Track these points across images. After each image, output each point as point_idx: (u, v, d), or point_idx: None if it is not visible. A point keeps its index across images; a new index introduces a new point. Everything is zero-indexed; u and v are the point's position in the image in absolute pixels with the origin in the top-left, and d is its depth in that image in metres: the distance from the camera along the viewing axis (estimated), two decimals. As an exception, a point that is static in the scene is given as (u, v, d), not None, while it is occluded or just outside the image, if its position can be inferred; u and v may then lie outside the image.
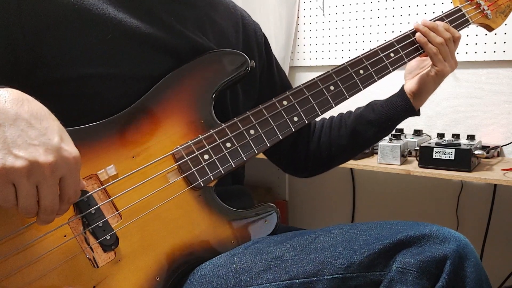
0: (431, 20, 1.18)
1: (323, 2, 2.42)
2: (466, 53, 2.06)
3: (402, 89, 1.20)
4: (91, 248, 0.82)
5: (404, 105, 1.18)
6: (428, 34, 1.14)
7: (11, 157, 0.66)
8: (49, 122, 0.71)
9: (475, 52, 2.04)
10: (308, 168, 1.30)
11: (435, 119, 2.17)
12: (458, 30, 1.20)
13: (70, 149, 0.72)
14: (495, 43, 1.99)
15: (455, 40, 1.16)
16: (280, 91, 1.04)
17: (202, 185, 0.91)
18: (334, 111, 1.13)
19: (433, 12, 2.12)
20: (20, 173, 0.66)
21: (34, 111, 0.71)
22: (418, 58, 1.20)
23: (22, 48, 0.85)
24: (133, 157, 0.88)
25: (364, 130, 1.20)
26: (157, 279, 0.86)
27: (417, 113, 1.21)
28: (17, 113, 0.69)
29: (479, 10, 1.23)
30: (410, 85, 1.19)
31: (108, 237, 0.83)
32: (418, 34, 1.16)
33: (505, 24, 1.31)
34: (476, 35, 2.02)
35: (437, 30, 1.14)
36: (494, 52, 2.00)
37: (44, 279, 0.78)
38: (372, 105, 1.20)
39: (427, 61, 1.18)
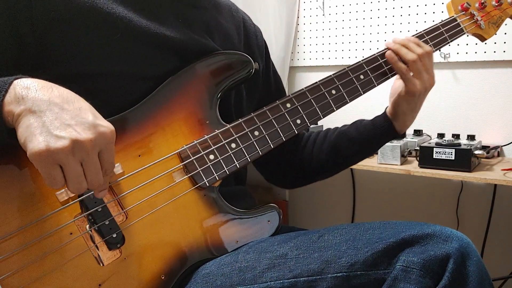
0: (428, 28, 1.19)
1: (323, 2, 2.42)
2: (466, 53, 2.07)
3: (385, 110, 1.18)
4: (96, 246, 0.83)
5: (386, 126, 1.16)
6: (399, 51, 1.10)
7: (53, 138, 0.68)
8: (80, 103, 0.74)
9: (475, 52, 2.05)
10: (288, 179, 1.30)
11: (435, 119, 2.18)
12: (453, 40, 1.21)
13: (105, 124, 0.74)
14: (495, 43, 2.00)
15: (428, 55, 1.11)
16: (275, 96, 1.04)
17: (207, 185, 0.92)
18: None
19: (433, 12, 2.12)
20: (65, 152, 0.68)
21: (64, 95, 0.74)
22: (401, 80, 1.14)
23: (30, 43, 0.86)
24: (139, 156, 0.89)
25: (345, 147, 1.19)
26: (162, 277, 0.87)
27: (401, 136, 1.18)
28: (49, 99, 0.72)
29: (473, 21, 1.25)
30: (389, 107, 1.17)
31: (114, 235, 0.83)
32: (388, 53, 1.12)
33: (505, 24, 1.33)
34: (476, 35, 2.03)
35: (409, 47, 1.10)
36: (494, 52, 2.01)
37: (49, 277, 0.78)
38: (357, 124, 1.20)
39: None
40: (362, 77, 1.11)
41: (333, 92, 1.07)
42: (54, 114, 0.70)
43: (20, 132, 0.70)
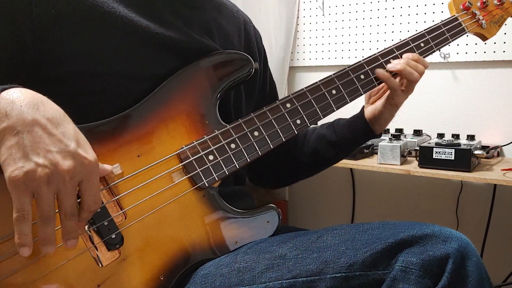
0: (429, 28, 1.19)
1: (323, 2, 2.42)
2: (466, 53, 2.06)
3: (362, 111, 1.19)
4: (95, 246, 0.83)
5: (364, 128, 1.17)
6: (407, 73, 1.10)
7: (32, 164, 0.67)
8: (64, 126, 0.72)
9: (475, 52, 2.05)
10: (270, 179, 1.31)
11: (435, 119, 2.18)
12: (454, 39, 1.21)
13: (87, 154, 0.72)
14: (495, 43, 1.99)
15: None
16: (268, 101, 1.04)
17: (207, 185, 0.92)
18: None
19: (433, 12, 2.12)
20: (40, 180, 0.67)
21: (49, 115, 0.71)
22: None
23: (30, 42, 0.85)
24: (139, 156, 0.89)
25: (324, 150, 1.21)
26: (161, 278, 0.86)
27: (378, 135, 1.19)
28: (34, 119, 0.70)
29: (475, 20, 1.25)
30: (367, 112, 1.17)
31: (113, 236, 0.83)
32: (379, 70, 1.10)
33: (505, 24, 1.32)
34: (476, 35, 2.02)
35: (410, 65, 1.10)
36: (494, 52, 2.01)
37: (48, 277, 0.78)
38: (335, 126, 1.21)
39: (385, 86, 1.16)
40: (362, 77, 1.10)
41: (334, 92, 1.07)
42: (36, 137, 0.69)
43: (1, 152, 0.68)
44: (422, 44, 1.16)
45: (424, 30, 1.18)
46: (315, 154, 1.22)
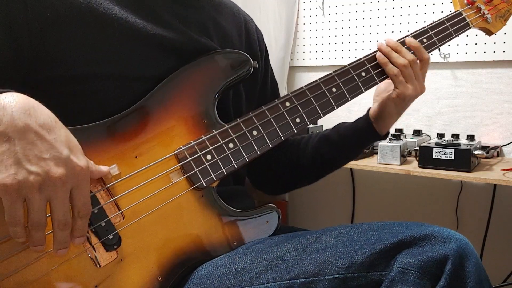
0: (433, 23, 1.18)
1: (323, 2, 2.42)
2: (466, 53, 2.06)
3: (367, 112, 1.18)
4: (93, 247, 0.82)
5: (366, 128, 1.15)
6: (390, 55, 1.09)
7: (23, 172, 0.67)
8: (56, 133, 0.72)
9: (475, 52, 2.05)
10: (273, 183, 1.29)
11: (435, 119, 2.18)
12: (459, 34, 1.19)
13: (79, 161, 0.72)
14: (495, 43, 1.99)
15: (423, 63, 1.12)
16: (270, 101, 1.03)
17: (205, 185, 0.92)
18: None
19: (433, 12, 2.12)
20: (32, 187, 0.67)
21: (41, 121, 0.71)
22: (387, 81, 1.14)
23: (26, 45, 0.85)
24: (136, 157, 0.88)
25: (327, 151, 1.19)
26: (159, 278, 0.86)
27: (383, 137, 1.17)
28: (26, 125, 0.69)
29: (479, 14, 1.23)
30: (373, 108, 1.16)
31: (110, 237, 0.83)
32: (378, 54, 1.10)
33: (505, 24, 1.32)
34: (476, 35, 2.02)
35: (400, 52, 1.09)
36: (494, 52, 2.01)
37: (46, 278, 0.78)
38: (339, 127, 1.20)
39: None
40: (363, 74, 1.09)
41: (334, 90, 1.06)
42: (28, 144, 0.68)
43: None
44: (424, 40, 1.15)
45: (427, 25, 1.16)
46: (318, 155, 1.20)
